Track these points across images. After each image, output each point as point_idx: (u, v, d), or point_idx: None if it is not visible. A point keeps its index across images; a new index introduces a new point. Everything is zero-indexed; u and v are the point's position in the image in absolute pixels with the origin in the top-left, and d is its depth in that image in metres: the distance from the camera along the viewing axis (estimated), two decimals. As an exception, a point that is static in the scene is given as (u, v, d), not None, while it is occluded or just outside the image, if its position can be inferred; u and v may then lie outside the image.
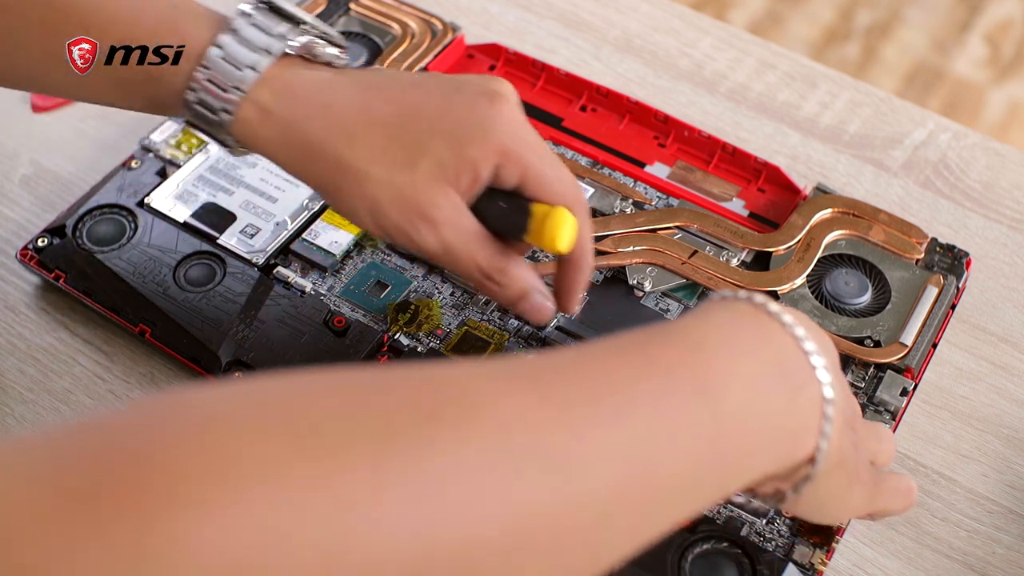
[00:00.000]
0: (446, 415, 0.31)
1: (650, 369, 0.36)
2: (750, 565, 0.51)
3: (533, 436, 0.32)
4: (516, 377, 0.34)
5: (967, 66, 1.75)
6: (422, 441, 0.30)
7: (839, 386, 0.40)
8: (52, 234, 0.62)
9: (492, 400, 0.32)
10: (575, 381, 0.34)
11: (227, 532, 0.25)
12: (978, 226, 0.67)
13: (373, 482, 0.28)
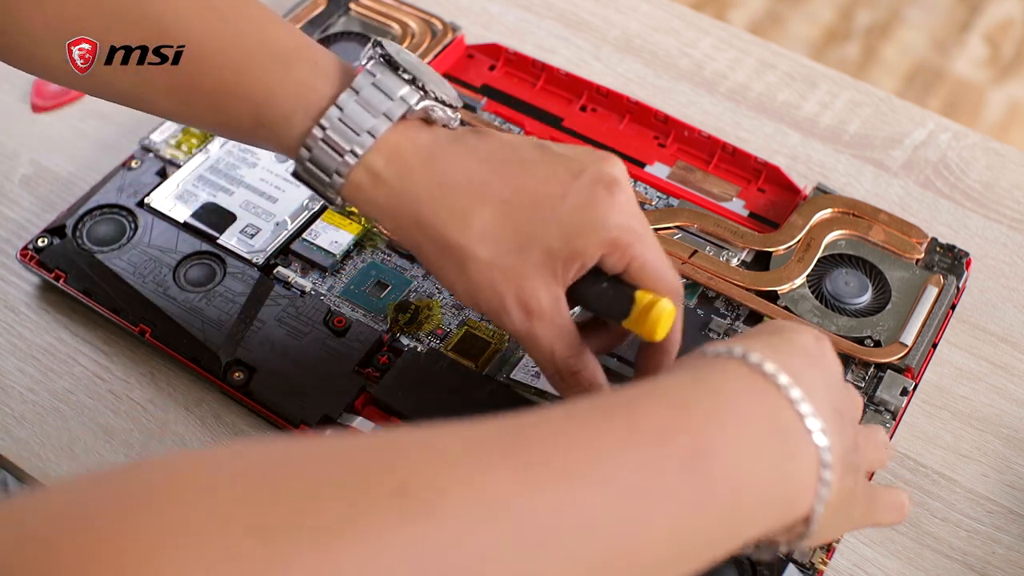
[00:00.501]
0: (414, 495, 0.29)
1: (636, 438, 0.34)
2: (750, 565, 0.51)
3: (509, 519, 0.30)
4: (491, 451, 0.32)
5: (967, 66, 1.75)
6: (385, 526, 0.28)
7: (837, 436, 0.39)
8: (52, 234, 0.62)
9: (466, 479, 0.30)
10: (556, 452, 0.33)
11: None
12: (978, 226, 0.67)
13: (323, 572, 0.26)
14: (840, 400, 0.41)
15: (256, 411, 0.56)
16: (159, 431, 0.57)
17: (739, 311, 0.60)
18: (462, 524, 0.29)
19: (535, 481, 0.31)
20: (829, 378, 0.40)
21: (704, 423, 0.36)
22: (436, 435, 0.32)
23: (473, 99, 0.69)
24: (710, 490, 0.35)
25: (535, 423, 0.34)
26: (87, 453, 0.56)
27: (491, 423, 0.33)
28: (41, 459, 0.56)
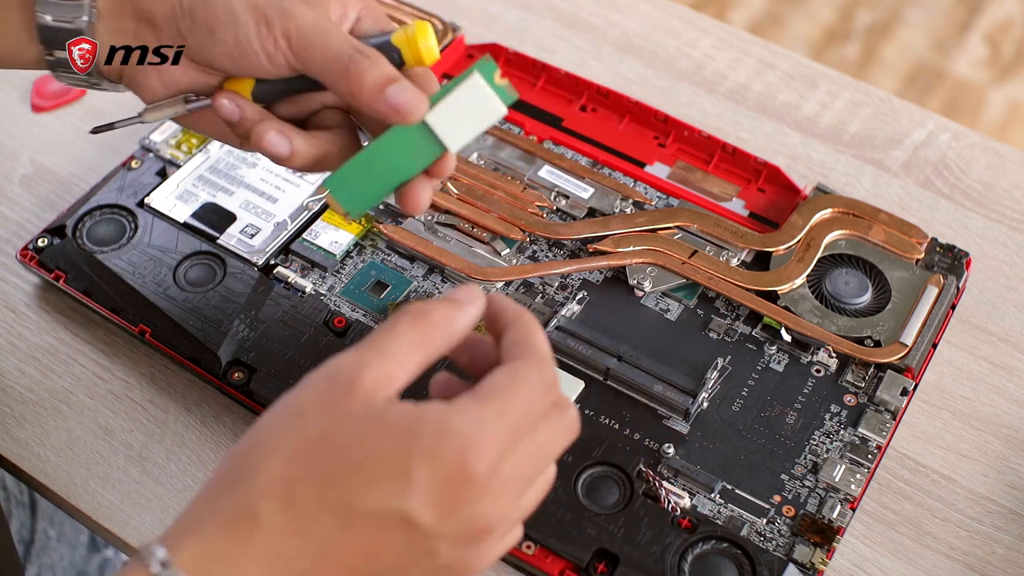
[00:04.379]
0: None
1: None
2: (750, 565, 0.51)
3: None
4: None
5: (967, 66, 1.75)
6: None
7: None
8: (52, 234, 0.62)
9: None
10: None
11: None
12: (978, 226, 0.67)
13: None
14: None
15: (256, 411, 0.56)
16: (159, 431, 0.57)
17: (739, 311, 0.60)
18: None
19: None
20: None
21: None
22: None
23: (473, 99, 0.69)
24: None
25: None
26: (87, 453, 0.56)
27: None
28: (41, 459, 0.56)
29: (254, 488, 0.36)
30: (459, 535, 0.37)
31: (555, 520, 0.51)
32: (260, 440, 0.37)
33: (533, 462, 0.39)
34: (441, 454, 0.36)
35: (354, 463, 0.36)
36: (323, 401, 0.37)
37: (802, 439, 0.56)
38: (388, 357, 0.38)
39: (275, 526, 0.36)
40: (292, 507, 0.36)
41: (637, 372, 0.57)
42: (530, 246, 0.63)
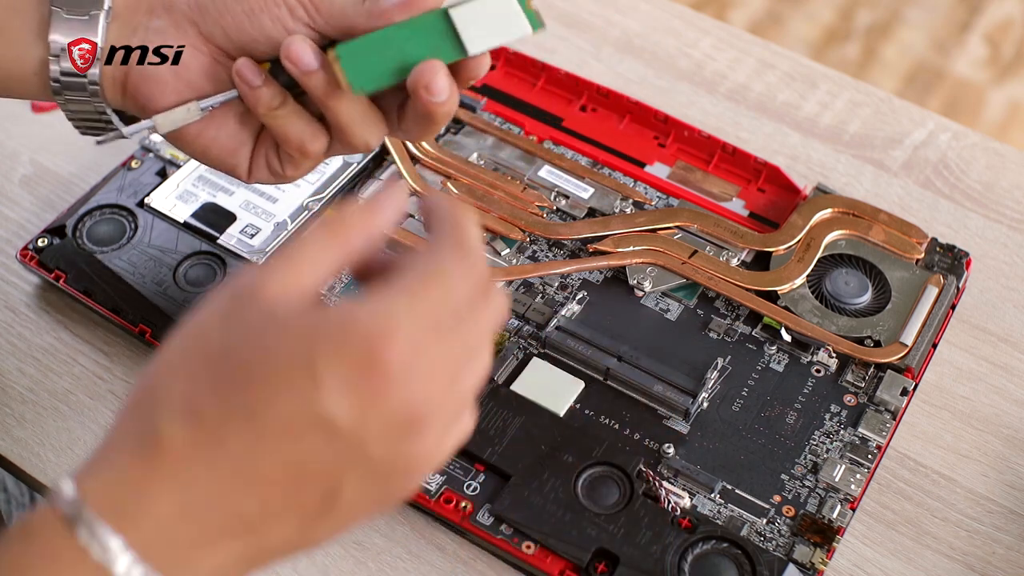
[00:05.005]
0: None
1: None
2: (750, 565, 0.51)
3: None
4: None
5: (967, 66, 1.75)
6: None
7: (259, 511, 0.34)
8: (52, 234, 0.62)
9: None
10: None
11: None
12: (978, 226, 0.67)
13: None
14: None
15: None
16: (159, 431, 0.57)
17: (739, 311, 0.60)
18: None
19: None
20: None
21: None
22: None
23: (473, 99, 0.69)
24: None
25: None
26: (87, 453, 0.56)
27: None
28: (41, 459, 0.56)
29: (157, 410, 0.34)
30: (387, 430, 0.34)
31: (555, 520, 0.51)
32: (163, 362, 0.35)
33: (458, 349, 0.36)
34: (346, 347, 0.34)
35: (257, 370, 0.34)
36: (224, 314, 0.35)
37: (802, 439, 0.56)
38: (294, 262, 0.36)
39: (181, 446, 0.33)
40: (196, 422, 0.34)
41: (637, 372, 0.57)
42: (530, 246, 0.63)
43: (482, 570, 0.53)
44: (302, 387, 0.33)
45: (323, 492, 0.35)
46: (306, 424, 0.34)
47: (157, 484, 0.33)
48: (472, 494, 0.53)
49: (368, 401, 0.34)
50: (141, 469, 0.33)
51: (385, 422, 0.34)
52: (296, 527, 0.35)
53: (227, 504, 0.34)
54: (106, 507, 0.33)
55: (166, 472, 0.33)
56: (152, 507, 0.33)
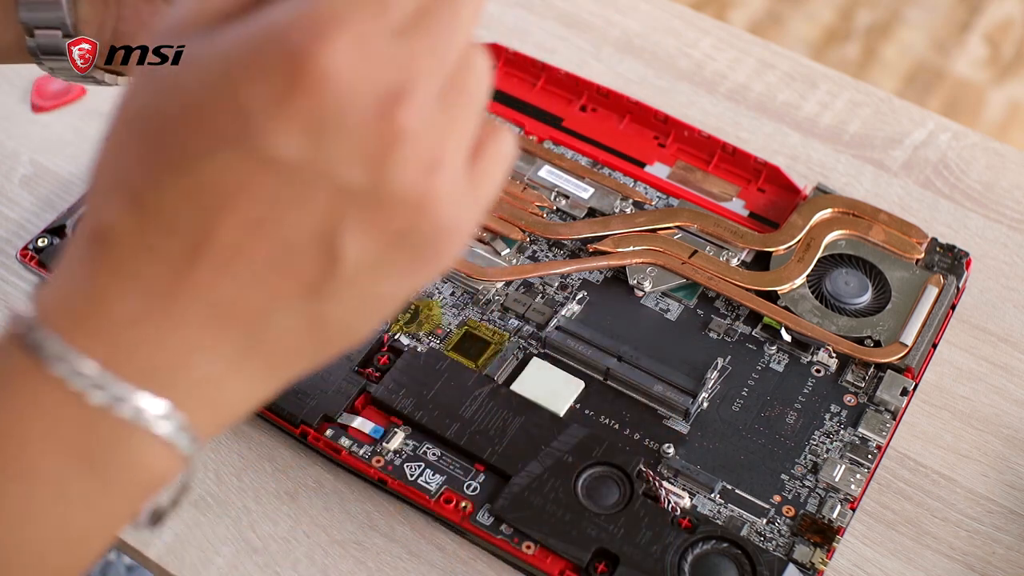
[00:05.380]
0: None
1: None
2: (750, 565, 0.51)
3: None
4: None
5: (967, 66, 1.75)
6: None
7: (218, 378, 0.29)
8: (52, 234, 0.62)
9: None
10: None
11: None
12: (978, 226, 0.67)
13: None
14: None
15: (255, 411, 0.56)
16: (159, 431, 0.57)
17: (739, 311, 0.60)
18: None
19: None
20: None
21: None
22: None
23: (473, 99, 0.69)
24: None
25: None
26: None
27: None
28: (41, 459, 0.56)
29: (97, 203, 0.29)
30: (356, 151, 0.28)
31: (555, 520, 0.51)
32: (99, 151, 0.30)
33: (430, 43, 0.28)
34: (266, 60, 0.27)
35: (179, 124, 0.28)
36: (144, 72, 0.29)
37: (802, 439, 0.56)
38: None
39: (127, 234, 0.28)
40: (133, 197, 0.28)
41: (637, 372, 0.57)
42: (530, 246, 0.63)
43: (482, 570, 0.53)
44: (231, 128, 0.27)
45: (314, 251, 0.29)
46: (249, 168, 0.27)
47: (110, 282, 0.28)
48: (472, 494, 0.53)
49: (318, 119, 0.27)
50: (90, 270, 0.29)
51: (347, 135, 0.27)
52: (299, 309, 0.29)
53: (196, 292, 0.28)
54: (62, 320, 0.28)
55: (117, 267, 0.28)
56: (109, 309, 0.28)
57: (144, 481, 0.29)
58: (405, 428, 0.55)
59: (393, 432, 0.54)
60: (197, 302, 0.28)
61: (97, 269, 0.28)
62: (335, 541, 0.53)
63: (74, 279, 0.29)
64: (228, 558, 0.52)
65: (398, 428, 0.55)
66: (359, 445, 0.54)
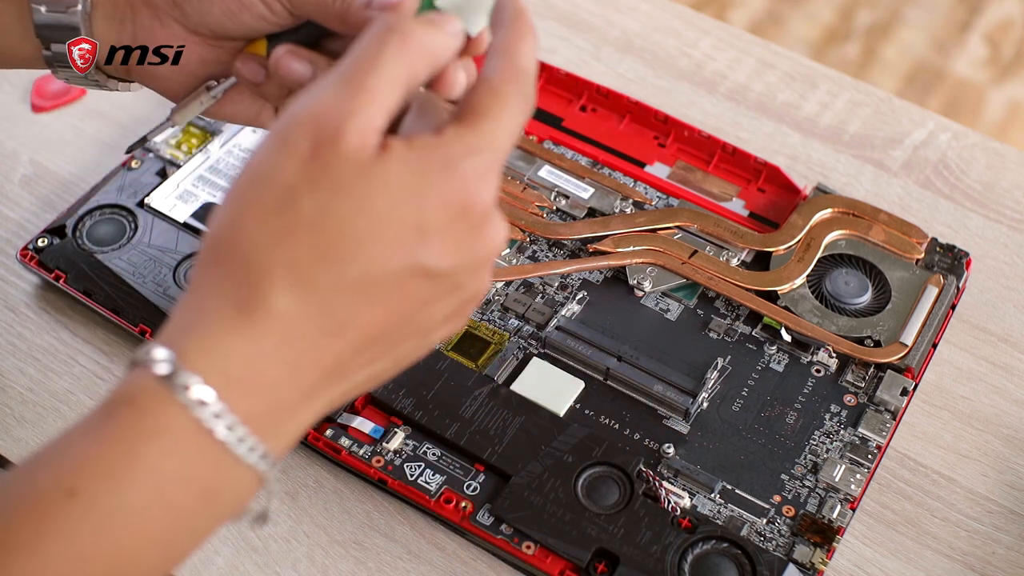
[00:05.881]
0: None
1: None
2: (750, 565, 0.51)
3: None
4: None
5: (967, 66, 1.75)
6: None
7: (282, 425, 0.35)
8: (52, 234, 0.62)
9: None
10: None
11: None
12: (978, 226, 0.67)
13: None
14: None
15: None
16: (159, 431, 0.57)
17: (739, 311, 0.60)
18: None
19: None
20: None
21: (92, 497, 0.33)
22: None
23: (473, 99, 0.69)
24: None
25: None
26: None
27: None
28: (41, 459, 0.56)
29: (259, 278, 0.34)
30: (475, 263, 0.37)
31: (555, 520, 0.51)
32: (246, 221, 0.34)
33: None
34: (451, 195, 0.35)
35: (363, 231, 0.34)
36: (309, 169, 0.34)
37: (802, 439, 0.56)
38: (372, 99, 0.35)
39: (292, 315, 0.34)
40: (307, 291, 0.34)
41: (637, 372, 0.57)
42: (530, 246, 0.63)
43: (482, 570, 0.53)
44: (410, 243, 0.35)
45: (418, 328, 0.37)
46: (411, 275, 0.35)
47: (266, 350, 0.34)
48: (472, 494, 0.53)
49: (466, 243, 0.36)
50: (247, 335, 0.34)
51: (473, 258, 0.36)
52: (388, 363, 0.37)
53: (329, 360, 0.35)
54: (216, 380, 0.33)
55: (274, 340, 0.34)
56: (261, 376, 0.34)
57: (240, 506, 0.36)
58: (405, 428, 0.55)
59: (393, 432, 0.54)
60: (328, 368, 0.35)
61: (255, 338, 0.34)
62: (335, 541, 0.53)
63: (226, 336, 0.34)
64: (228, 558, 0.52)
65: (398, 428, 0.55)
66: (359, 445, 0.54)
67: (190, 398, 0.33)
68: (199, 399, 0.33)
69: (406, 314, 0.36)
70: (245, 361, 0.34)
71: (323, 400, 0.36)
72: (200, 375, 0.33)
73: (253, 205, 0.34)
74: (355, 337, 0.35)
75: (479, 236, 0.36)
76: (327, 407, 0.37)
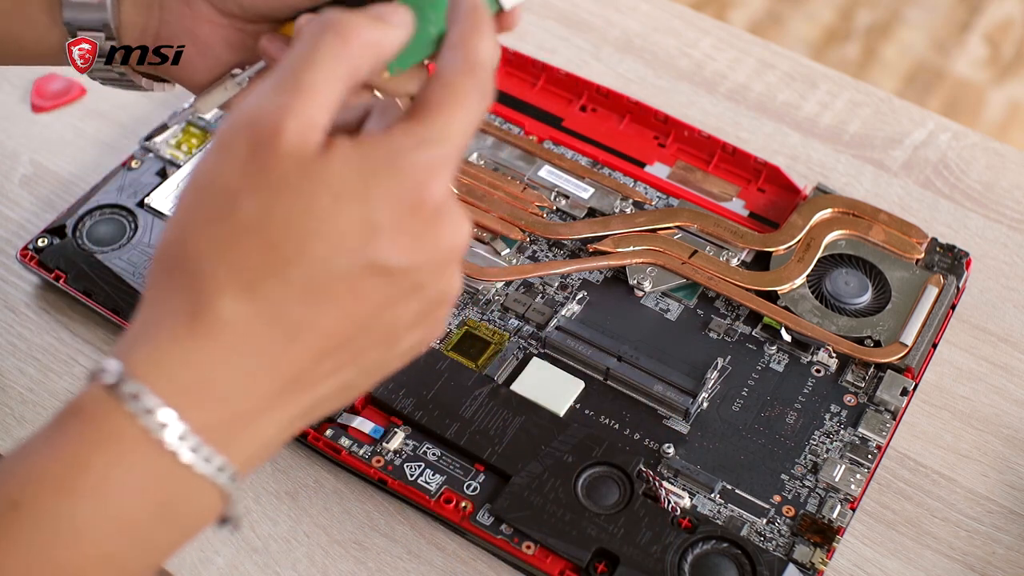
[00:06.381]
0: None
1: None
2: (750, 565, 0.51)
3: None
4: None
5: (967, 66, 1.75)
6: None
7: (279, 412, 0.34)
8: (52, 234, 0.62)
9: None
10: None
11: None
12: (978, 226, 0.67)
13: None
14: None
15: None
16: (159, 431, 0.57)
17: (739, 311, 0.60)
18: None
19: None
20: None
21: (45, 514, 0.31)
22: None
23: (473, 99, 0.69)
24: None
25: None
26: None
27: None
28: (41, 459, 0.56)
29: (205, 286, 0.33)
30: (436, 261, 0.35)
31: (555, 520, 0.51)
32: (191, 231, 0.33)
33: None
34: (398, 190, 0.34)
35: (308, 230, 0.33)
36: (249, 171, 0.33)
37: (802, 439, 0.56)
38: (310, 97, 0.33)
39: (239, 318, 0.32)
40: (255, 297, 0.33)
41: (637, 372, 0.57)
42: (530, 246, 0.63)
43: (482, 570, 0.53)
44: (359, 240, 0.33)
45: (381, 333, 0.35)
46: (365, 274, 0.34)
47: (215, 359, 0.33)
48: (472, 494, 0.53)
49: (421, 238, 0.34)
50: (195, 345, 0.33)
51: (433, 253, 0.35)
52: (349, 376, 0.36)
53: (287, 368, 0.34)
54: (167, 389, 0.32)
55: (224, 347, 0.33)
56: (213, 385, 0.33)
57: (204, 521, 0.34)
58: (405, 428, 0.55)
59: (393, 432, 0.54)
60: (286, 377, 0.34)
61: (204, 346, 0.32)
62: (335, 541, 0.53)
63: (174, 347, 0.33)
64: (228, 558, 0.52)
65: (398, 428, 0.55)
66: (359, 445, 0.54)
67: (138, 407, 0.32)
68: (146, 408, 0.32)
69: (365, 317, 0.34)
70: (195, 369, 0.33)
71: (287, 412, 0.35)
72: (147, 384, 0.32)
73: (197, 212, 0.33)
74: (313, 343, 0.34)
75: (435, 232, 0.35)
76: (295, 420, 0.35)
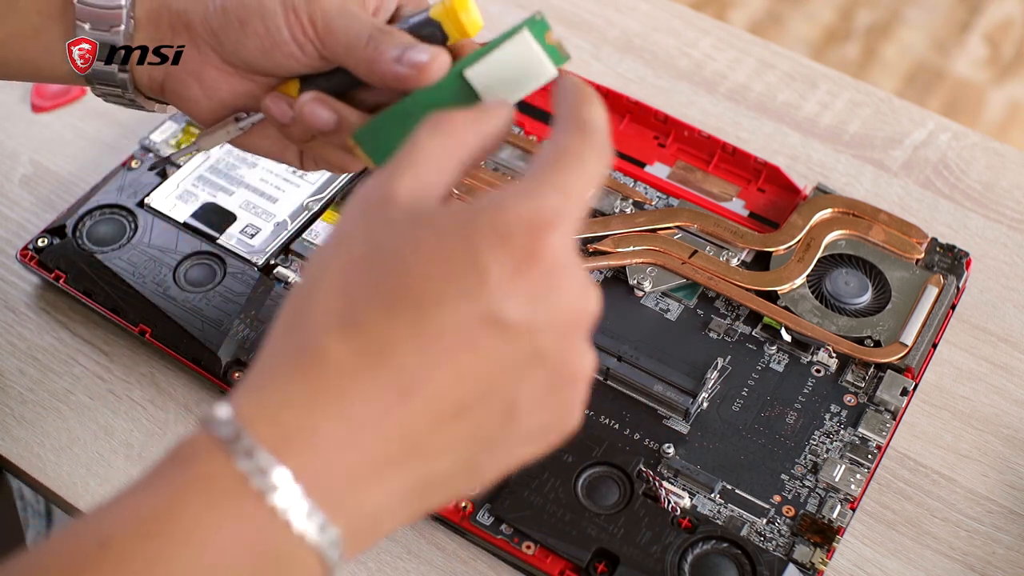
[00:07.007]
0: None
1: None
2: (750, 565, 0.51)
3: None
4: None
5: (967, 66, 1.75)
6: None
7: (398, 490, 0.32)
8: (52, 234, 0.62)
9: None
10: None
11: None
12: (978, 226, 0.67)
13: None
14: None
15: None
16: (159, 431, 0.57)
17: (739, 311, 0.60)
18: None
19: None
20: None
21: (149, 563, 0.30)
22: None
23: (473, 99, 0.69)
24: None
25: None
26: (87, 453, 0.56)
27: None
28: (41, 459, 0.56)
29: (312, 325, 0.32)
30: (557, 323, 0.32)
31: (555, 520, 0.51)
32: (312, 278, 0.33)
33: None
34: (509, 236, 0.32)
35: (414, 270, 0.31)
36: (362, 219, 0.33)
37: (802, 439, 0.56)
38: (417, 164, 0.34)
39: (345, 359, 0.31)
40: (357, 333, 0.31)
41: (637, 372, 0.57)
42: (530, 246, 0.63)
43: (482, 570, 0.53)
44: (468, 285, 0.31)
45: (501, 404, 0.32)
46: (477, 325, 0.31)
47: (322, 403, 0.31)
48: (472, 494, 0.53)
49: (538, 293, 0.32)
50: (302, 388, 0.31)
51: (555, 314, 0.32)
52: (467, 453, 0.33)
53: (395, 423, 0.31)
54: (267, 432, 0.31)
55: (330, 388, 0.31)
56: (316, 430, 0.31)
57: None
58: (405, 428, 0.55)
59: (393, 432, 0.54)
60: (393, 435, 0.31)
61: (311, 388, 0.31)
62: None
63: (284, 392, 0.31)
64: (228, 558, 0.52)
65: (398, 428, 0.54)
66: (359, 445, 0.54)
67: (251, 465, 0.30)
68: (260, 467, 0.30)
69: (482, 378, 0.32)
70: (299, 412, 0.31)
71: (397, 481, 0.32)
72: (251, 428, 0.31)
73: (317, 265, 0.33)
74: (427, 402, 0.31)
75: (554, 290, 0.32)
76: (409, 495, 0.32)
